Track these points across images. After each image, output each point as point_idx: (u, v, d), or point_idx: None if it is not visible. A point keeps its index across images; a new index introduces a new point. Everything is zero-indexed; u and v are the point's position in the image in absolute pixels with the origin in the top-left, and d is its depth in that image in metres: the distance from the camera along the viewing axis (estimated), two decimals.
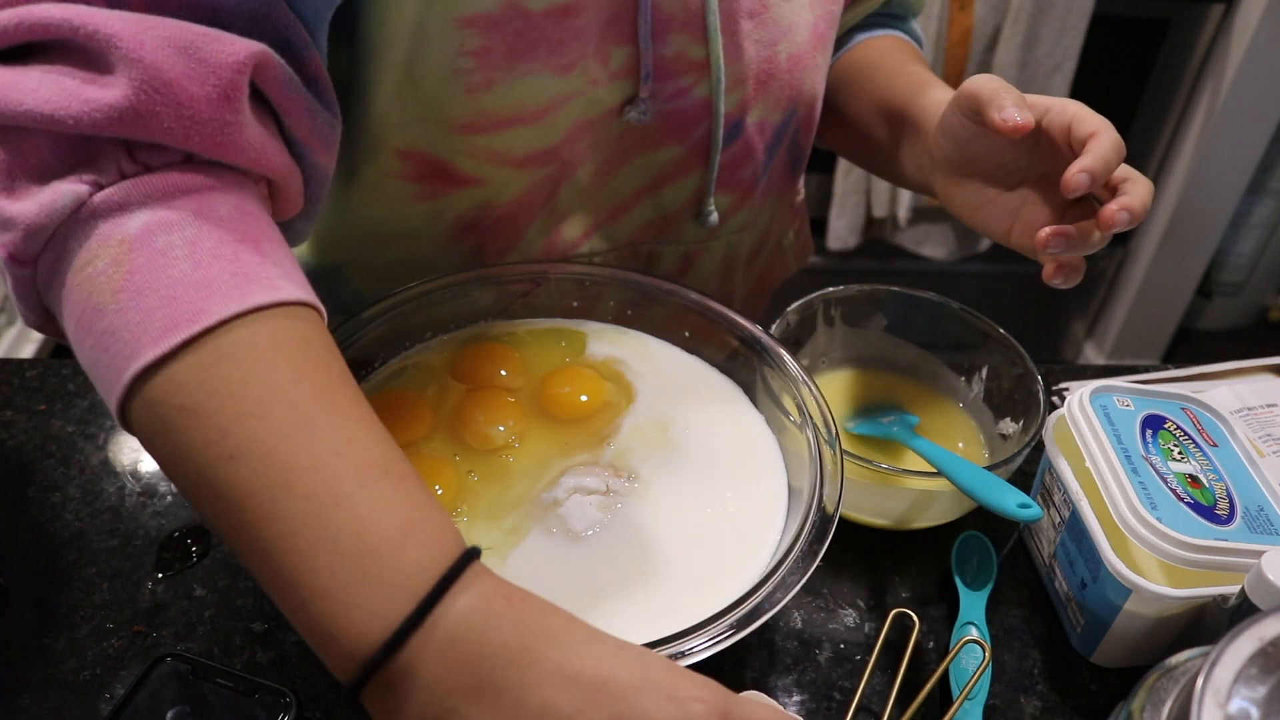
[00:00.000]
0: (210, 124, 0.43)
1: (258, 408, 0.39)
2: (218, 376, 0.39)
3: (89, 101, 0.40)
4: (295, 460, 0.38)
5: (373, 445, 0.40)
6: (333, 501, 0.38)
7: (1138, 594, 0.55)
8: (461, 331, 0.69)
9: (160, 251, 0.41)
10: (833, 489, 0.55)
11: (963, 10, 1.69)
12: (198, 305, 0.40)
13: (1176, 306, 2.15)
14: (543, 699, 0.36)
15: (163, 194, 0.42)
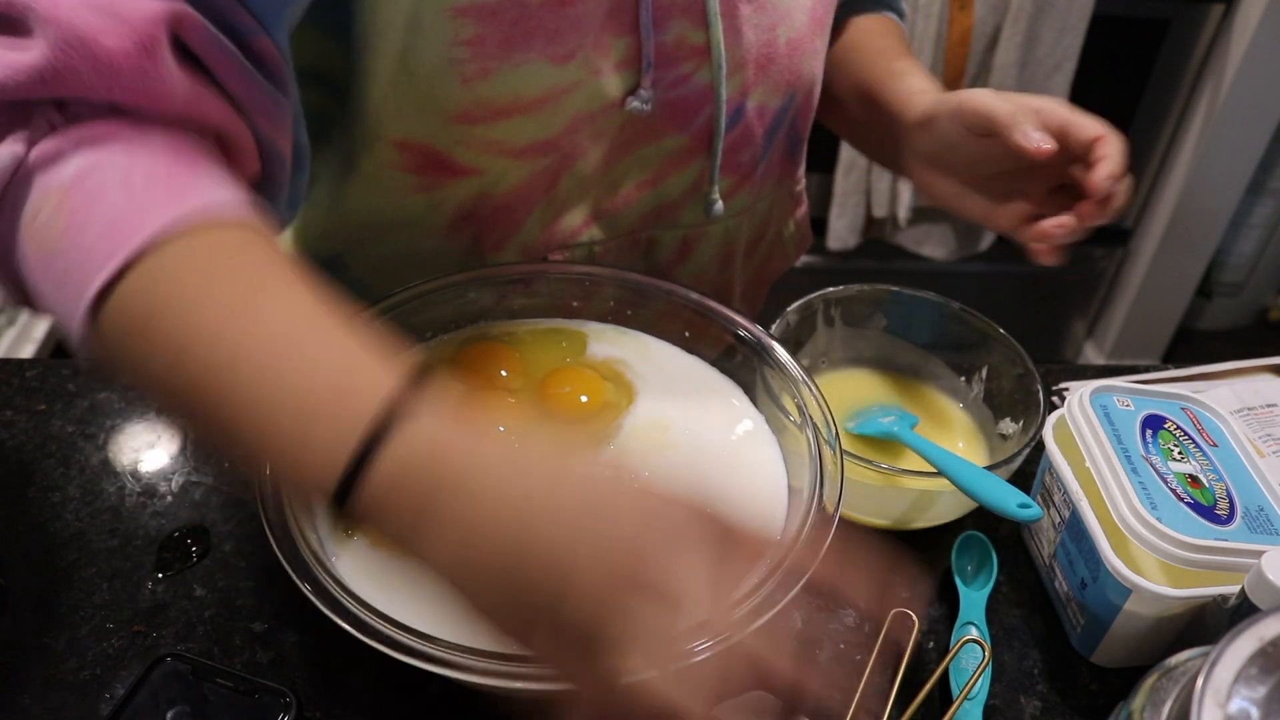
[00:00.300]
0: (130, 74, 0.43)
1: (197, 305, 0.41)
2: (160, 288, 0.41)
3: (9, 66, 0.41)
4: (238, 338, 0.40)
5: (306, 309, 0.41)
6: (276, 367, 0.40)
7: (1138, 594, 0.55)
8: (461, 331, 0.69)
9: (95, 188, 0.42)
10: (833, 489, 0.55)
11: (963, 10, 1.69)
12: (133, 228, 0.41)
13: (1176, 306, 2.15)
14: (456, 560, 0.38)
15: (94, 140, 0.43)
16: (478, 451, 0.38)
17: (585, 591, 0.37)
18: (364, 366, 0.40)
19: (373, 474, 0.38)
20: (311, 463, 0.39)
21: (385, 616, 0.48)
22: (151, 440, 0.72)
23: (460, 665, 0.46)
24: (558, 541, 0.37)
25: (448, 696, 0.57)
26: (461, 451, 0.38)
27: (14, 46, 0.42)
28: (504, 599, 0.38)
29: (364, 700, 0.57)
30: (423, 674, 0.53)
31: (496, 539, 0.37)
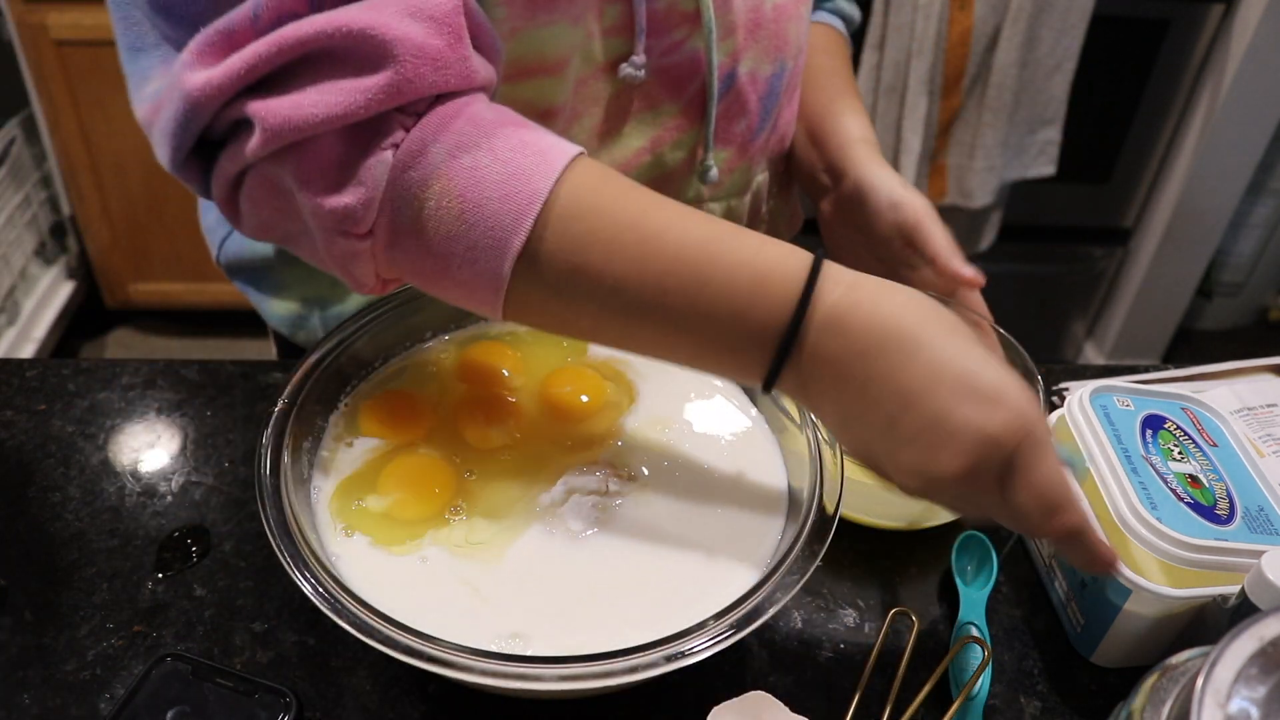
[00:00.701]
0: (455, 64, 0.49)
1: (612, 243, 0.48)
2: (574, 236, 0.48)
3: (367, 90, 0.47)
4: (670, 245, 0.48)
5: (703, 221, 0.50)
6: (703, 283, 0.48)
7: (1138, 594, 0.55)
8: (462, 331, 0.69)
9: (471, 168, 0.48)
10: (832, 489, 0.55)
11: (963, 10, 1.69)
12: (528, 190, 0.48)
13: (1176, 306, 2.15)
14: (874, 395, 0.47)
15: (440, 128, 0.49)
16: (886, 303, 0.48)
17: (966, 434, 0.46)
18: (772, 261, 0.49)
19: (806, 335, 0.48)
20: (752, 334, 0.49)
21: (385, 616, 0.48)
22: (151, 440, 0.72)
23: (460, 665, 0.46)
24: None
25: (448, 696, 0.57)
26: (871, 305, 0.48)
27: (362, 72, 0.47)
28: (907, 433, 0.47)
29: (364, 700, 0.57)
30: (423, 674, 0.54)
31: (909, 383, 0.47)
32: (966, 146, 1.82)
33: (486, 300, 0.50)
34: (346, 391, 0.64)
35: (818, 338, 0.48)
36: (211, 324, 2.22)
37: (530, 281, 0.49)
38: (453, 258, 0.49)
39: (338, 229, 0.49)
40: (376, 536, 0.56)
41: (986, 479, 0.47)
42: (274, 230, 0.54)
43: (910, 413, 0.47)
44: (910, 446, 0.47)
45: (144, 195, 1.98)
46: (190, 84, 0.48)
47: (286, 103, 0.47)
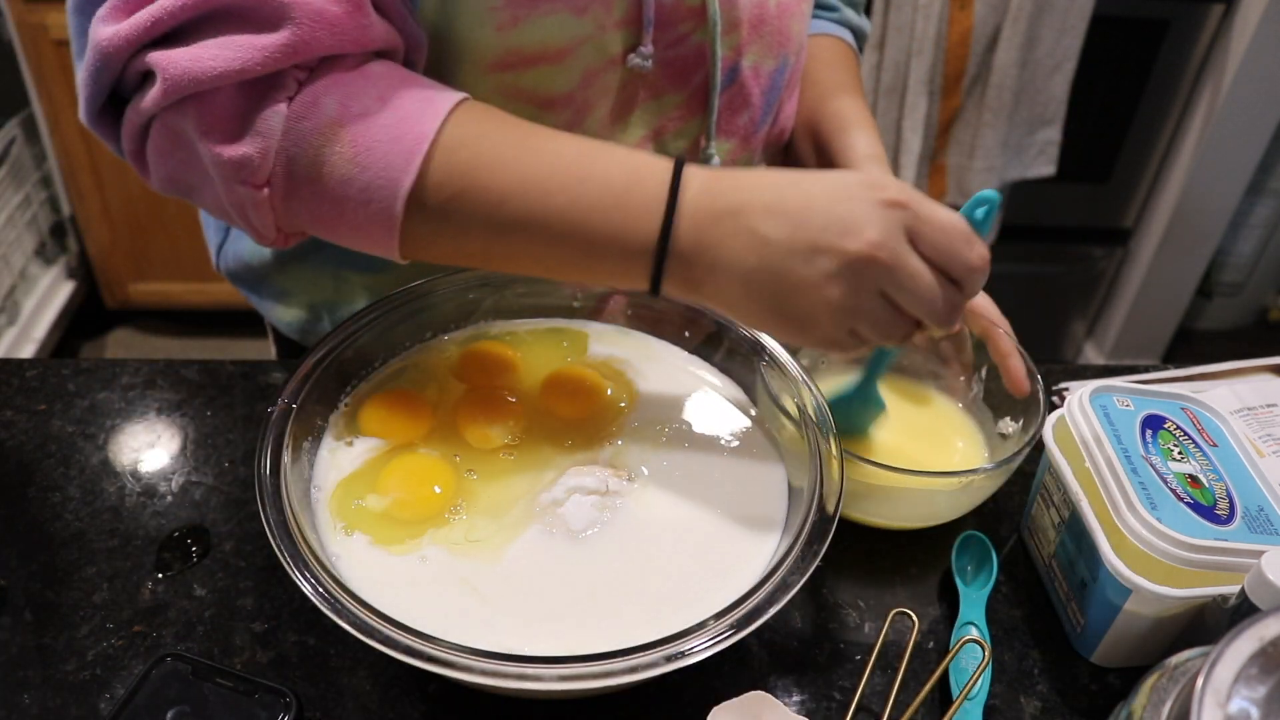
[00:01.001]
0: (352, 30, 0.53)
1: (495, 163, 0.53)
2: (459, 163, 0.53)
3: (265, 49, 0.50)
4: (543, 172, 0.53)
5: (577, 139, 0.55)
6: (581, 179, 0.53)
7: (1138, 594, 0.55)
8: (462, 331, 0.69)
9: (362, 114, 0.52)
10: (832, 488, 0.55)
11: (963, 10, 1.69)
12: (415, 131, 0.52)
13: (1176, 306, 2.15)
14: (764, 232, 0.51)
15: (334, 82, 0.53)
16: (744, 173, 0.53)
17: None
18: (643, 159, 0.54)
19: (680, 218, 0.52)
20: (631, 229, 0.53)
21: (385, 616, 0.48)
22: (151, 440, 0.72)
23: (460, 665, 0.46)
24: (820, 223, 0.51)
25: (448, 696, 0.57)
26: (732, 175, 0.53)
27: (261, 31, 0.51)
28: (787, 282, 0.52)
29: (364, 700, 0.57)
30: (423, 674, 0.54)
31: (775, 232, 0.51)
32: (966, 146, 1.82)
33: (382, 240, 0.54)
34: (347, 391, 0.64)
35: (694, 209, 0.52)
36: (211, 324, 2.22)
37: (421, 215, 0.53)
38: (347, 201, 0.53)
39: (236, 178, 0.53)
40: (376, 536, 0.56)
41: (895, 245, 0.51)
42: (179, 182, 0.56)
43: (803, 228, 0.51)
44: (816, 256, 0.51)
45: (144, 195, 1.98)
46: (100, 36, 0.51)
47: (186, 55, 0.50)
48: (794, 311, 0.53)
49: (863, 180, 0.52)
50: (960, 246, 0.52)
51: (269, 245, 0.58)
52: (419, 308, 0.67)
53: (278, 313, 0.79)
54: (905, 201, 0.51)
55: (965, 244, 0.52)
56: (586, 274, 0.56)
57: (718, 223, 0.52)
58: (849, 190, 0.51)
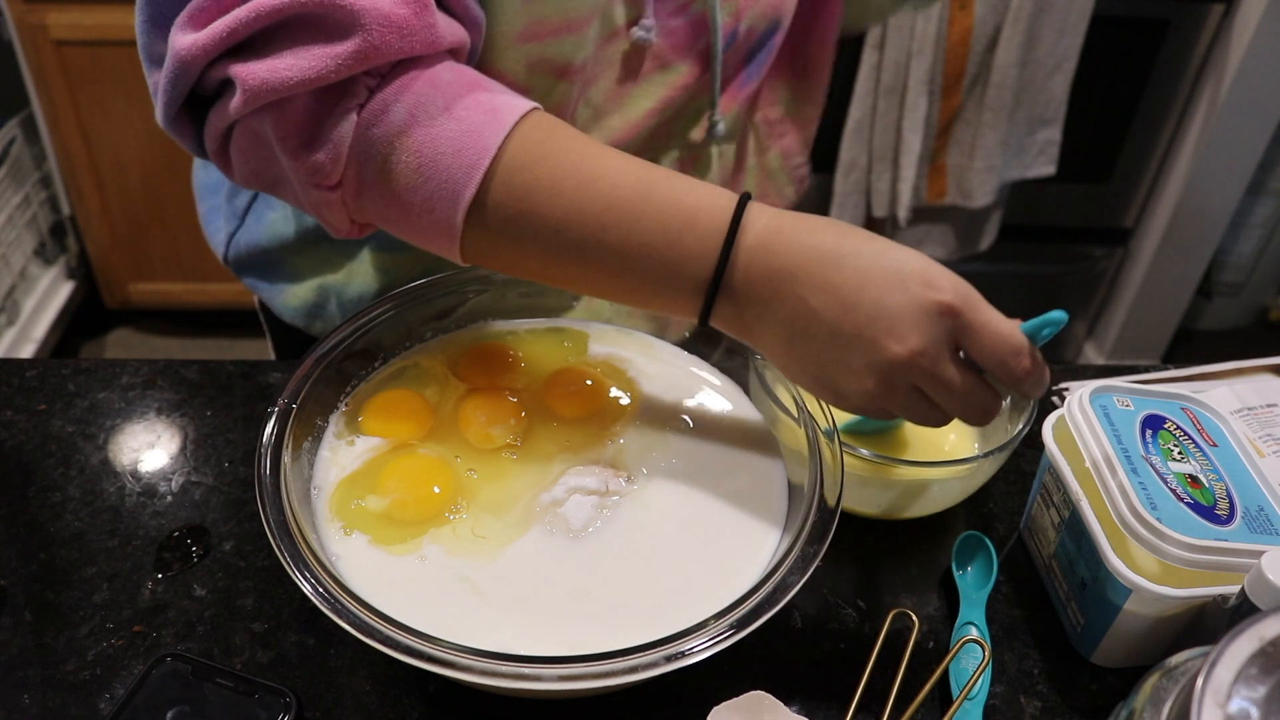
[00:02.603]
0: (420, 31, 0.53)
1: (552, 190, 0.53)
2: (518, 186, 0.53)
3: (337, 56, 0.51)
4: (598, 205, 0.53)
5: (636, 168, 0.54)
6: (637, 218, 0.53)
7: (1138, 594, 0.55)
8: (462, 331, 0.69)
9: (428, 126, 0.53)
10: (833, 483, 0.55)
11: (963, 10, 1.69)
12: (479, 145, 0.53)
13: (1176, 306, 2.15)
14: (813, 305, 0.51)
15: (403, 88, 0.54)
16: (806, 230, 0.52)
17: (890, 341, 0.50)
18: (699, 198, 0.53)
19: (734, 269, 0.52)
20: (683, 274, 0.53)
21: (385, 616, 0.48)
22: (151, 440, 0.72)
23: (460, 665, 0.46)
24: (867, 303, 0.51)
25: (448, 696, 0.57)
26: (793, 231, 0.52)
27: (333, 38, 0.52)
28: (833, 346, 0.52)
29: (364, 700, 0.57)
30: (423, 674, 0.54)
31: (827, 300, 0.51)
32: (966, 146, 1.82)
33: (444, 246, 0.56)
34: (347, 391, 0.64)
35: (748, 263, 0.52)
36: (211, 324, 2.22)
37: (482, 229, 0.54)
38: (412, 207, 0.55)
39: (309, 182, 0.55)
40: (376, 536, 0.56)
41: (936, 354, 0.51)
42: (263, 176, 0.58)
43: (851, 313, 0.51)
44: (858, 344, 0.51)
45: (144, 195, 1.98)
46: (179, 44, 0.53)
47: (264, 66, 0.52)
48: (830, 383, 0.53)
49: (919, 273, 0.50)
50: (1008, 358, 0.51)
51: (343, 236, 0.59)
52: (419, 308, 0.67)
53: (285, 297, 0.79)
54: (958, 309, 0.50)
55: (1014, 356, 0.51)
56: (640, 304, 0.57)
57: (770, 280, 0.52)
58: (903, 283, 0.50)
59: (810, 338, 0.52)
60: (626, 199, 0.53)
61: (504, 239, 0.55)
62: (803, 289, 0.51)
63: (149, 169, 1.93)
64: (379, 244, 0.74)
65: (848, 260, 0.51)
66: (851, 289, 0.51)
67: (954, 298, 0.50)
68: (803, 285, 0.51)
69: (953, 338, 0.51)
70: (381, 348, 0.66)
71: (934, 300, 0.50)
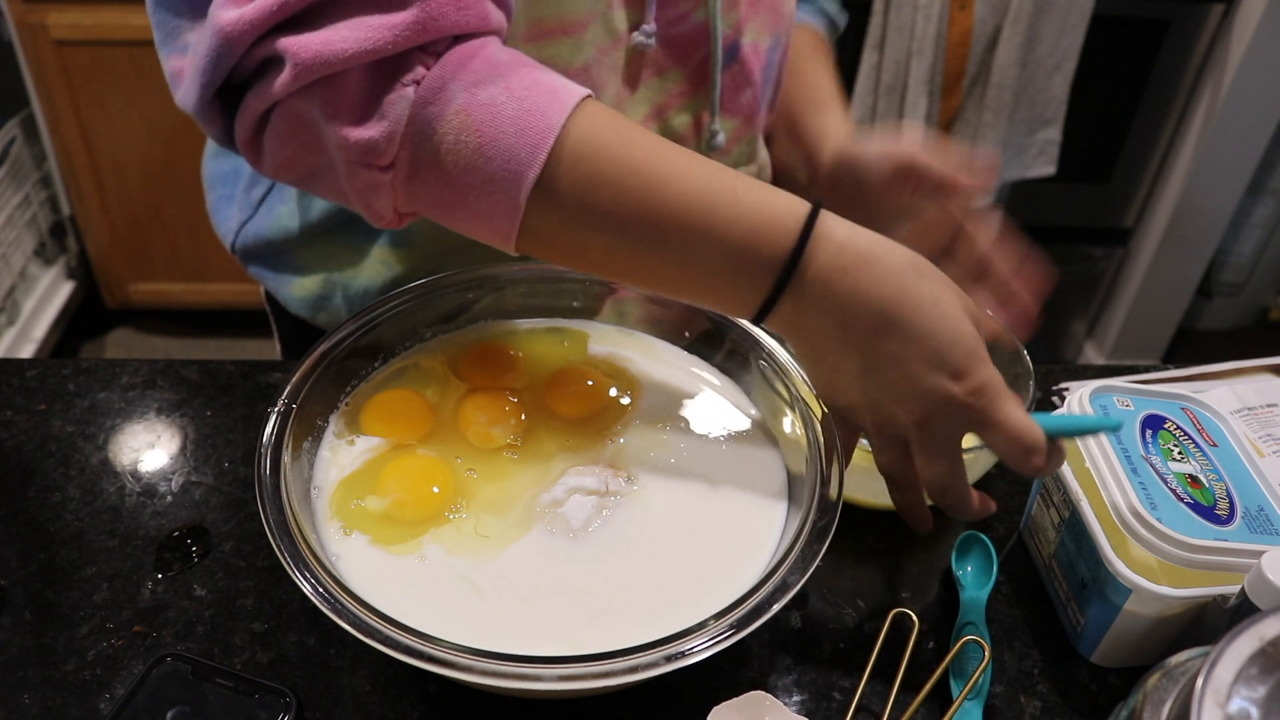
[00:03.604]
0: (474, 5, 0.52)
1: (617, 186, 0.52)
2: (582, 177, 0.52)
3: (395, 27, 0.50)
4: (673, 195, 0.52)
5: (703, 172, 0.53)
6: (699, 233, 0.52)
7: (1138, 594, 0.55)
8: (463, 331, 0.69)
9: (488, 104, 0.51)
10: (833, 488, 0.55)
11: (963, 10, 1.69)
12: (542, 125, 0.51)
13: (1176, 306, 2.15)
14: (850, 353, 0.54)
15: (458, 66, 0.52)
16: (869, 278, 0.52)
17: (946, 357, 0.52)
18: (766, 214, 0.52)
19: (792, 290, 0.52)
20: (743, 286, 0.53)
21: (385, 616, 0.48)
22: (151, 440, 0.72)
23: (460, 665, 0.46)
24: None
25: (448, 696, 0.57)
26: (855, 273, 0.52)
27: (388, 10, 0.50)
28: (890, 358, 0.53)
29: (364, 700, 0.57)
30: (423, 674, 0.54)
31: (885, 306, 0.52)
32: (967, 146, 1.82)
33: (501, 229, 0.54)
34: (347, 391, 0.64)
35: (801, 296, 0.53)
36: (211, 324, 2.22)
37: (543, 213, 0.53)
38: (470, 189, 0.52)
39: (361, 161, 0.52)
40: (376, 536, 0.56)
41: (939, 435, 0.54)
42: (295, 168, 0.56)
43: (880, 373, 0.53)
44: (875, 399, 0.54)
45: (144, 195, 1.98)
46: (223, 19, 0.50)
47: (318, 38, 0.49)
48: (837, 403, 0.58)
49: (958, 363, 0.52)
50: (1018, 456, 0.53)
51: (385, 226, 0.57)
52: (419, 307, 0.67)
53: (292, 287, 0.79)
54: (976, 408, 0.52)
55: (1024, 455, 0.53)
56: (697, 304, 0.60)
57: (820, 315, 0.53)
58: (939, 368, 0.52)
59: (839, 371, 0.55)
60: (692, 211, 0.52)
61: (564, 227, 0.54)
62: (846, 336, 0.53)
63: (149, 169, 1.93)
64: (387, 239, 0.75)
65: (896, 330, 0.52)
66: (886, 358, 0.53)
67: (975, 396, 0.52)
68: (848, 334, 0.53)
69: (967, 425, 0.53)
70: (382, 348, 0.66)
71: (957, 394, 0.52)
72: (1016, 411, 0.53)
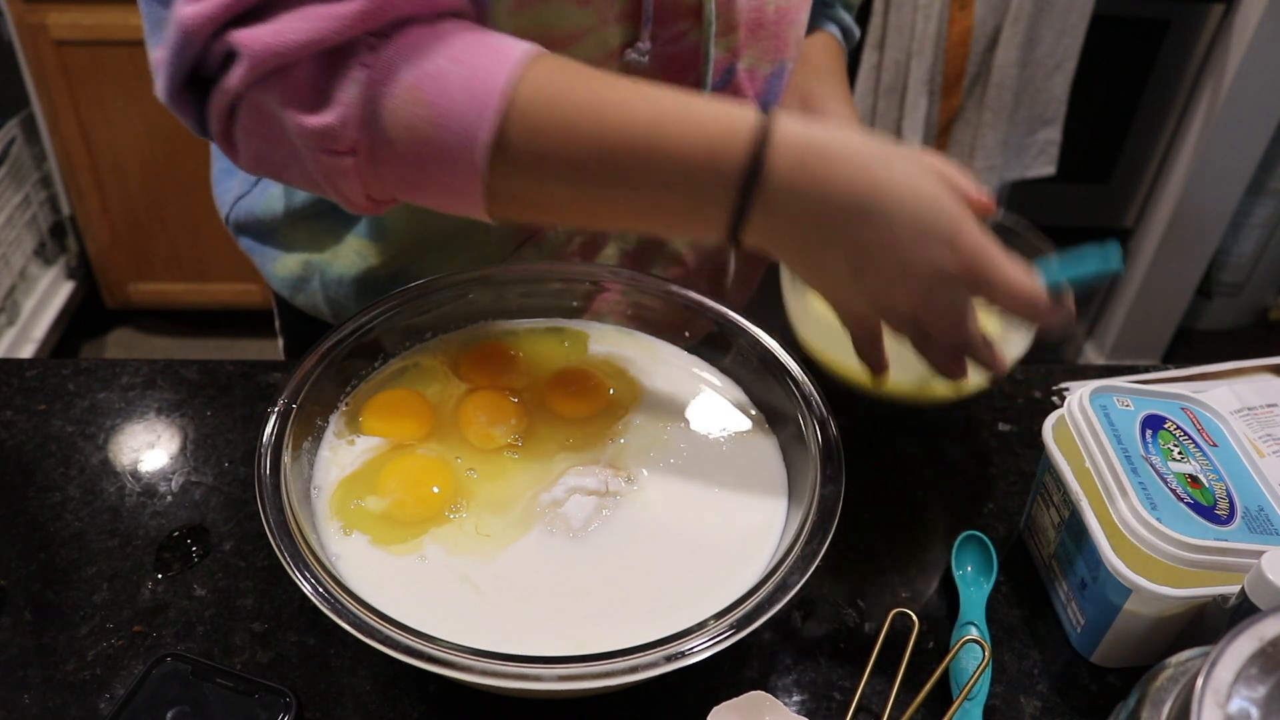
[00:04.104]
0: None
1: (575, 120, 0.52)
2: (536, 122, 0.52)
3: (341, 17, 0.51)
4: (624, 128, 0.52)
5: (651, 100, 0.53)
6: (661, 136, 0.52)
7: (1138, 594, 0.55)
8: (463, 331, 0.69)
9: (436, 75, 0.52)
10: (833, 487, 0.55)
11: (963, 10, 1.69)
12: (488, 85, 0.52)
13: (1176, 306, 2.15)
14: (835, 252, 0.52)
15: (408, 45, 0.52)
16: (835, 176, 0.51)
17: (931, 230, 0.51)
18: (720, 125, 0.52)
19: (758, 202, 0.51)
20: (707, 206, 0.52)
21: (385, 616, 0.48)
22: (151, 440, 0.72)
23: (460, 665, 0.46)
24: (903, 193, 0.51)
25: (448, 696, 0.57)
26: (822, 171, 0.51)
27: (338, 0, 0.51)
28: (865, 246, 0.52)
29: (364, 700, 0.57)
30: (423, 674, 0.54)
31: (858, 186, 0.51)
32: (966, 146, 1.82)
33: (470, 197, 0.54)
34: (347, 391, 0.64)
35: (770, 204, 0.52)
36: (211, 324, 2.22)
37: (505, 173, 0.53)
38: (430, 162, 0.53)
39: (321, 147, 0.53)
40: (376, 536, 0.56)
41: (944, 307, 0.53)
42: (268, 161, 0.57)
43: (869, 264, 0.52)
44: (872, 288, 0.53)
45: (144, 195, 1.98)
46: (183, 13, 0.51)
47: (268, 30, 0.51)
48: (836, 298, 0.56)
49: (945, 233, 0.52)
50: (1024, 311, 0.54)
51: (361, 212, 0.58)
52: (419, 308, 0.67)
53: (275, 266, 0.80)
54: (973, 271, 0.52)
55: (1030, 309, 0.54)
56: (669, 236, 0.59)
57: (794, 221, 0.52)
58: (927, 243, 0.52)
59: (829, 271, 0.54)
60: (642, 140, 0.52)
61: (528, 184, 0.54)
62: (825, 236, 0.52)
63: (149, 169, 1.93)
64: (361, 230, 0.75)
65: (875, 217, 0.51)
66: (871, 247, 0.52)
67: (968, 262, 0.52)
68: (827, 233, 0.52)
69: (969, 292, 0.53)
70: (381, 348, 0.66)
71: (950, 264, 0.51)
72: (1013, 269, 0.53)
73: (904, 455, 0.74)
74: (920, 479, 0.73)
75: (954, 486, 0.72)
